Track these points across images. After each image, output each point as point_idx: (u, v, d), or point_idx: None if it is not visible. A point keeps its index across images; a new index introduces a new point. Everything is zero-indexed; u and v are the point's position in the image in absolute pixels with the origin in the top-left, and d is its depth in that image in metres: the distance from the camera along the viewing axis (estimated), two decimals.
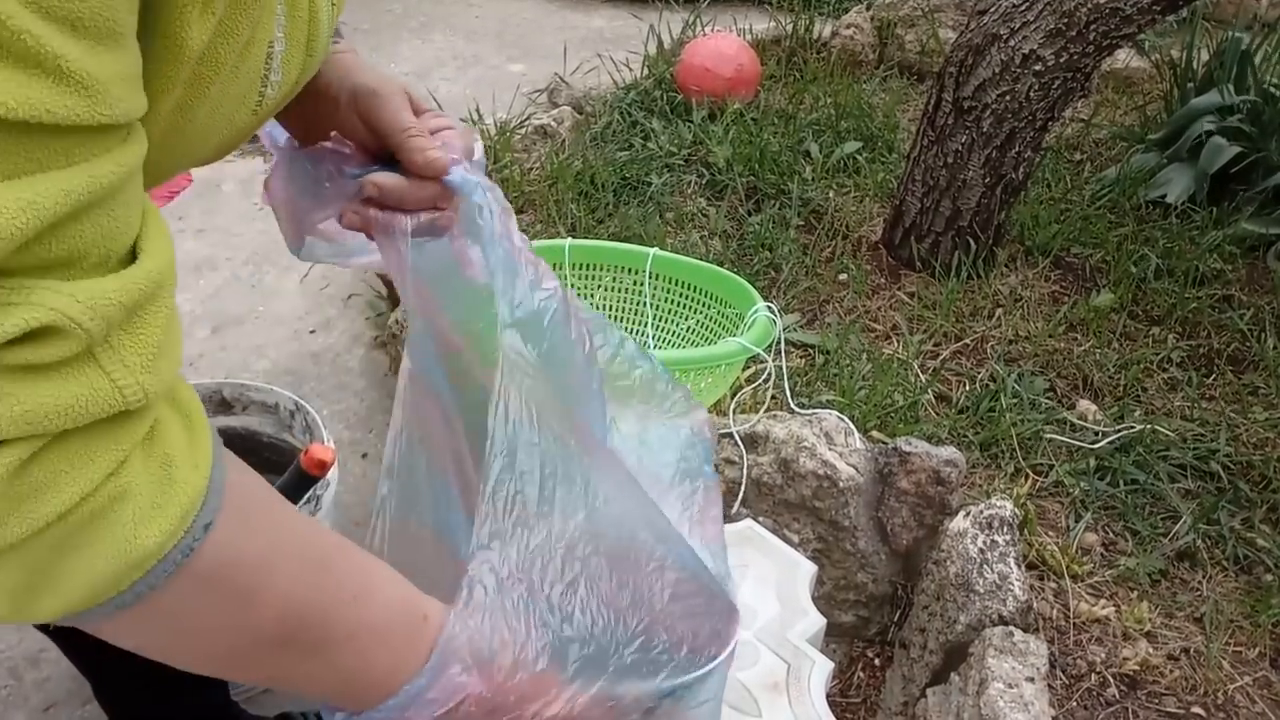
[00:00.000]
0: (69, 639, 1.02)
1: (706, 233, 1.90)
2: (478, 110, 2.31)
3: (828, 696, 0.81)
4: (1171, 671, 1.08)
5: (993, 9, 1.65)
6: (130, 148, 0.38)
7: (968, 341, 1.63)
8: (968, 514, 1.17)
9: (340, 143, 0.63)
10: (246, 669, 0.50)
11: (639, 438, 0.66)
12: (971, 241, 1.77)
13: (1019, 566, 1.10)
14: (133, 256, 0.39)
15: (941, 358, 1.58)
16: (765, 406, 1.33)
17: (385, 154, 0.60)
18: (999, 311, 1.70)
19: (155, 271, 0.39)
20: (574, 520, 0.56)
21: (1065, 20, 1.56)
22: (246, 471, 0.47)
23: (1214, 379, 1.58)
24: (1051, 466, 1.37)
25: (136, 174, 0.39)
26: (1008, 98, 1.64)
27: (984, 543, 1.12)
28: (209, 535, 0.43)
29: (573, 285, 1.46)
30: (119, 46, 0.35)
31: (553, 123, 2.25)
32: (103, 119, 0.35)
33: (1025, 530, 1.22)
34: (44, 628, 1.01)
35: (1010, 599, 1.07)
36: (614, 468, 0.60)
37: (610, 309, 1.48)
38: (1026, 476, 1.35)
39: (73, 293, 0.35)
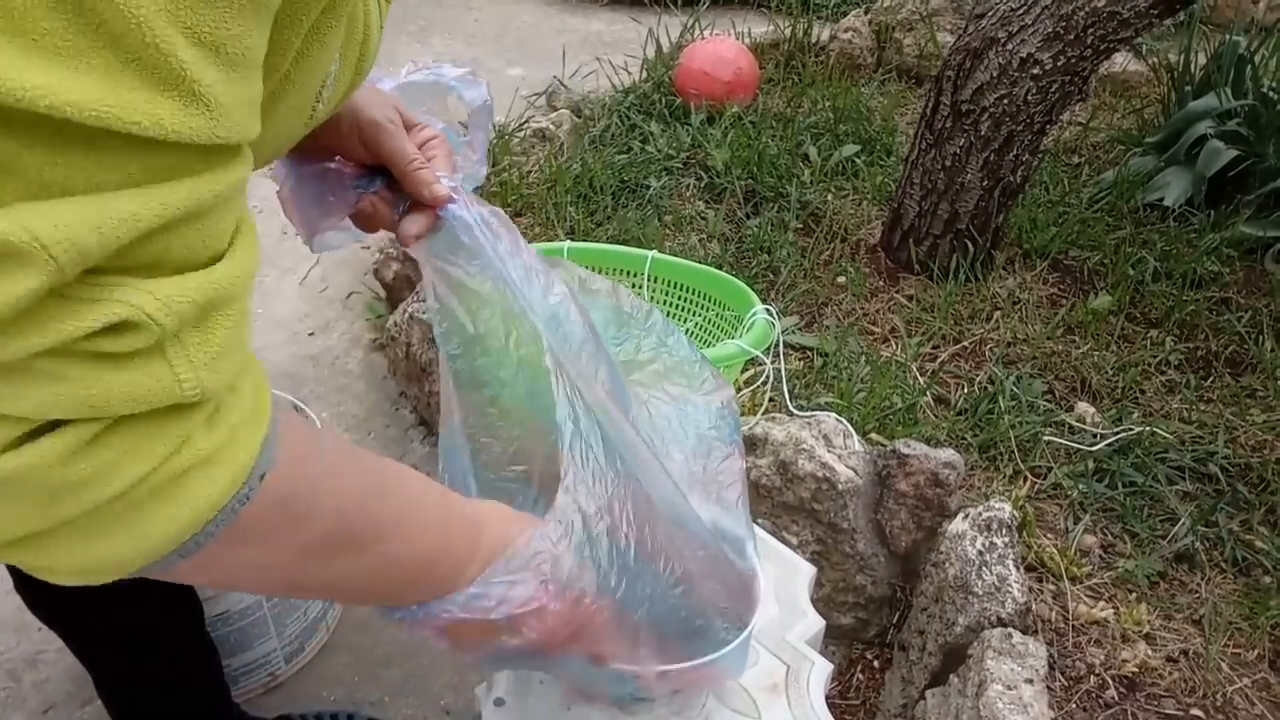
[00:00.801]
0: (74, 635, 1.03)
1: (705, 235, 1.90)
2: None
3: (827, 698, 0.81)
4: (1170, 673, 1.08)
5: (990, 13, 1.66)
6: (237, 166, 0.40)
7: (966, 344, 1.63)
8: (966, 516, 1.17)
9: (340, 162, 0.69)
10: (305, 583, 0.54)
11: (675, 417, 0.73)
12: (970, 244, 1.77)
13: (1018, 568, 1.11)
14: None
15: (940, 360, 1.59)
16: (764, 409, 1.33)
17: (381, 167, 0.67)
18: (997, 314, 1.70)
19: (233, 276, 0.41)
20: (632, 478, 0.64)
21: (1063, 24, 1.57)
22: (299, 421, 0.51)
23: (1212, 381, 1.58)
24: (1050, 469, 1.37)
25: (238, 191, 0.41)
26: (1005, 101, 1.64)
27: (983, 545, 1.12)
28: (264, 482, 0.45)
29: None
30: (250, 74, 0.38)
31: (551, 126, 2.25)
32: (218, 139, 0.37)
33: (1024, 532, 1.22)
34: (49, 622, 1.01)
35: (1009, 601, 1.07)
36: (645, 451, 0.67)
37: None
38: (1025, 479, 1.35)
39: (152, 290, 0.37)
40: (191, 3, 0.33)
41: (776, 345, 1.33)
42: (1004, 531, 1.14)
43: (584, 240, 1.78)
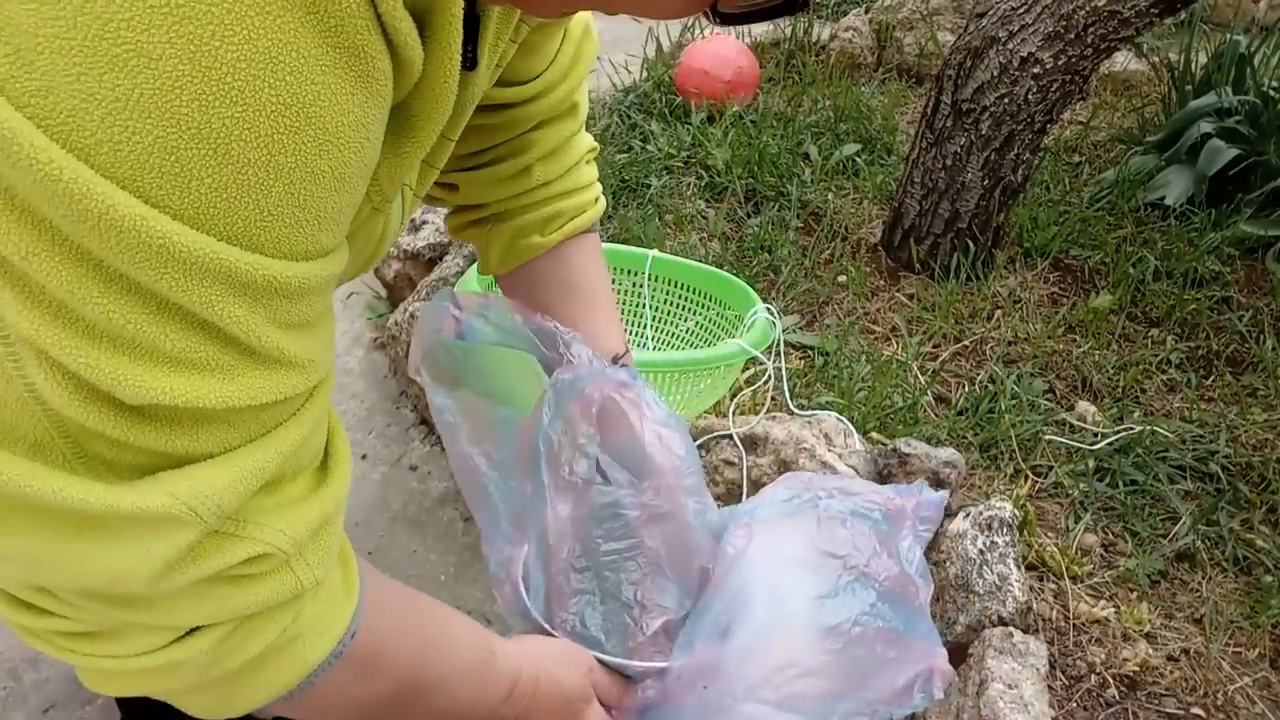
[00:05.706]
0: None
1: (705, 235, 1.90)
2: None
3: None
4: (1171, 672, 1.08)
5: (991, 12, 1.65)
6: (323, 391, 0.49)
7: (967, 343, 1.63)
8: (967, 515, 1.17)
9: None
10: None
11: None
12: (970, 243, 1.77)
13: (1018, 567, 1.10)
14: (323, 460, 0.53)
15: (941, 359, 1.59)
16: (764, 408, 1.33)
17: None
18: (998, 313, 1.70)
19: (338, 496, 0.52)
20: None
21: (1063, 23, 1.57)
22: (374, 574, 0.60)
23: (1213, 380, 1.58)
24: (1051, 468, 1.37)
25: (325, 410, 0.50)
26: (1006, 100, 1.64)
27: (983, 544, 1.12)
28: (354, 640, 0.55)
29: None
30: (323, 328, 0.47)
31: None
32: (310, 384, 0.46)
33: (1025, 531, 1.22)
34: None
35: (1010, 600, 1.07)
36: None
37: None
38: (1026, 478, 1.35)
39: (282, 528, 0.46)
40: (277, 304, 0.41)
41: (777, 344, 1.33)
42: (1005, 530, 1.14)
43: None
